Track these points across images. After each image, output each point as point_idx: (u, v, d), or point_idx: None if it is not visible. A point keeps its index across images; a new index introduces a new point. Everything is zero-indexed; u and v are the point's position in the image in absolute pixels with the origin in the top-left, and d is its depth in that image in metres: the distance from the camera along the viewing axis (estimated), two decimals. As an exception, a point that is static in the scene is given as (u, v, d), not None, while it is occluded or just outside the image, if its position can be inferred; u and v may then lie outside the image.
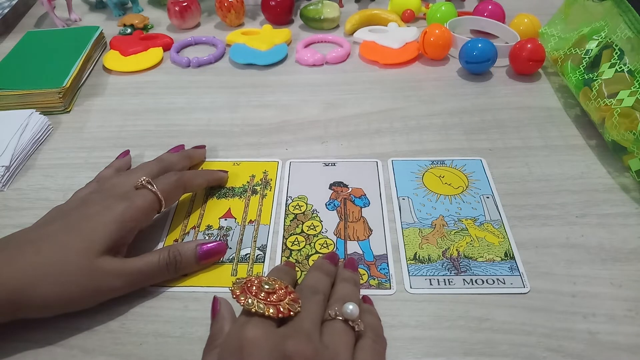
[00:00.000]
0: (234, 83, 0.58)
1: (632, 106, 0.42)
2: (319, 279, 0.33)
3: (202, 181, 0.42)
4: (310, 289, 0.31)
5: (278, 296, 0.29)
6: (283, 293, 0.29)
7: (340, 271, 0.35)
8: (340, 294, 0.32)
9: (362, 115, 0.52)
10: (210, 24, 0.71)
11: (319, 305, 0.30)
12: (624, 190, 0.43)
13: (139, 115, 0.53)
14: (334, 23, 0.68)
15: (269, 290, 0.29)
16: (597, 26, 0.50)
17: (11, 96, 0.53)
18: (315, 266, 0.35)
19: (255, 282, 0.30)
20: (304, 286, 0.32)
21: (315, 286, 0.32)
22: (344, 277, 0.34)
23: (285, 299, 0.29)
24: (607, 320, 0.33)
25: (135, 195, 0.36)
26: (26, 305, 0.30)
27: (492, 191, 0.43)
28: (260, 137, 0.50)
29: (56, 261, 0.31)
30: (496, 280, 0.36)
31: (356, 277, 0.35)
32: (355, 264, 0.36)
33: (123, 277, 0.33)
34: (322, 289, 0.32)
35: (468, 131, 0.50)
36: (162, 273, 0.35)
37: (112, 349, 0.32)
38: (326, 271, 0.34)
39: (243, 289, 0.29)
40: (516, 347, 0.32)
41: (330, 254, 0.37)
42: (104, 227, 0.33)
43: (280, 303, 0.28)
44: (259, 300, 0.28)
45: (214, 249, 0.37)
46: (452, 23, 0.63)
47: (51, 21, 0.71)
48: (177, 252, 0.35)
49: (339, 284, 0.33)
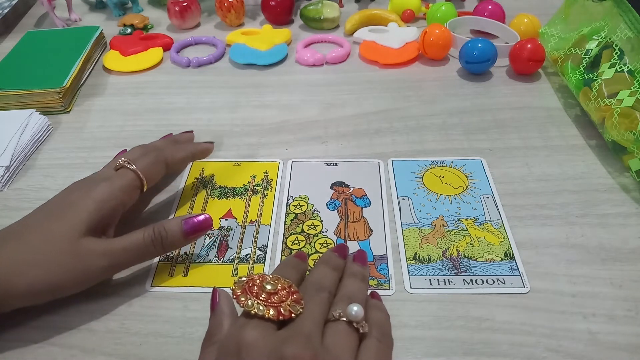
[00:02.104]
0: (234, 83, 0.58)
1: (632, 106, 0.42)
2: (325, 274, 0.32)
3: (185, 154, 0.41)
4: (315, 286, 0.31)
5: (280, 297, 0.28)
6: (285, 293, 0.29)
7: (348, 265, 0.34)
8: (346, 290, 0.31)
9: (362, 115, 0.52)
10: (210, 24, 0.71)
11: (323, 305, 0.30)
12: (624, 190, 0.43)
13: (139, 115, 0.53)
14: (334, 23, 0.68)
15: (271, 291, 0.28)
16: (597, 26, 0.50)
17: (11, 96, 0.53)
18: (323, 259, 0.34)
19: (257, 281, 0.29)
20: (308, 282, 0.32)
21: (321, 282, 0.31)
22: (352, 271, 0.33)
23: (287, 299, 0.28)
24: (607, 320, 0.33)
25: (114, 175, 0.36)
26: (14, 294, 0.31)
27: (492, 191, 0.43)
28: (260, 137, 0.50)
29: (39, 247, 0.31)
30: (496, 280, 0.36)
31: (365, 272, 0.34)
32: (365, 257, 0.35)
33: (108, 256, 0.33)
34: (328, 285, 0.31)
35: (468, 131, 0.50)
36: (148, 250, 0.34)
37: (112, 349, 0.32)
38: (334, 265, 0.33)
39: (244, 289, 0.28)
40: (516, 347, 0.32)
41: (340, 246, 0.36)
42: (84, 209, 0.33)
43: (281, 304, 0.28)
44: (260, 302, 0.28)
45: (199, 223, 0.35)
46: (452, 23, 0.63)
47: (51, 21, 0.71)
48: (162, 228, 0.35)
49: (347, 280, 0.33)
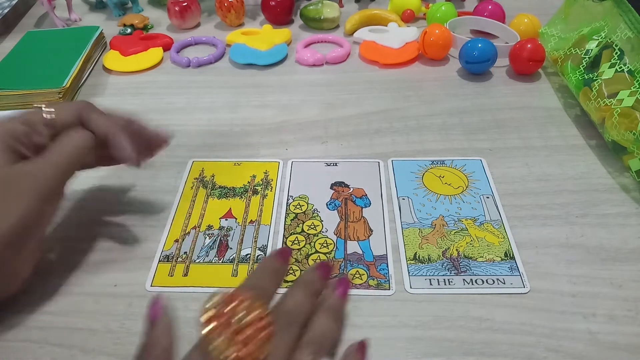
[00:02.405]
0: (234, 83, 0.58)
1: (632, 106, 0.42)
2: (300, 304, 0.29)
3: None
4: (287, 317, 0.28)
5: (247, 337, 0.26)
6: (255, 330, 0.26)
7: (327, 294, 0.31)
8: (314, 333, 0.28)
9: (362, 115, 0.52)
10: (210, 24, 0.71)
11: (291, 342, 0.27)
12: (624, 190, 0.43)
13: (139, 115, 0.53)
14: (334, 23, 0.68)
15: (241, 326, 0.26)
16: (597, 26, 0.50)
17: (11, 96, 0.53)
18: (303, 280, 0.31)
19: (231, 309, 0.26)
20: (281, 311, 0.29)
21: (293, 313, 0.29)
22: (329, 305, 0.30)
23: (256, 336, 0.26)
24: (607, 320, 0.33)
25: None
26: None
27: (492, 191, 0.43)
28: (260, 137, 0.50)
29: None
30: (496, 280, 0.36)
31: (342, 308, 0.32)
32: (347, 286, 0.32)
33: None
34: (301, 318, 0.29)
35: (468, 131, 0.50)
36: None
37: (112, 349, 0.32)
38: (312, 290, 0.31)
39: (213, 318, 0.26)
40: (516, 347, 0.32)
41: (323, 265, 0.32)
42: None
43: (247, 344, 0.25)
44: (223, 340, 0.25)
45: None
46: (452, 23, 0.63)
47: (51, 21, 0.71)
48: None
49: (320, 316, 0.30)
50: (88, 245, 0.39)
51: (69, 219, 0.41)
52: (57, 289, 0.36)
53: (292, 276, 0.36)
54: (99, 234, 0.40)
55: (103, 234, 0.40)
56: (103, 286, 0.36)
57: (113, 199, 0.43)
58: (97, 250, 0.39)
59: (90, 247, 0.39)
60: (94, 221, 0.41)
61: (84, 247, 0.39)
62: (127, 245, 0.39)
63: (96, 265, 0.38)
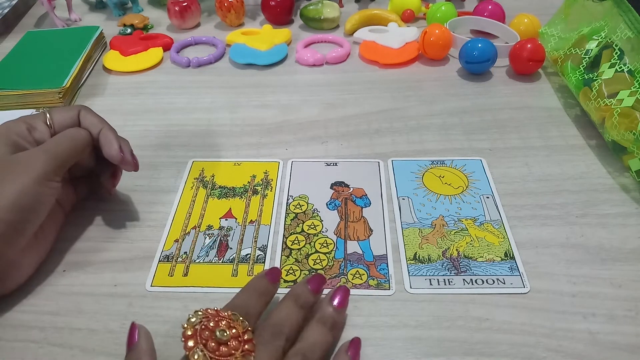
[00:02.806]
0: (234, 83, 0.58)
1: (632, 106, 0.42)
2: (288, 315, 0.29)
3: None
4: (273, 329, 0.28)
5: (229, 349, 0.26)
6: (237, 344, 0.27)
7: (322, 305, 0.31)
8: (304, 344, 0.29)
9: (362, 115, 0.52)
10: (210, 24, 0.71)
11: (275, 354, 0.28)
12: (624, 190, 0.43)
13: (139, 115, 0.53)
14: (334, 23, 0.68)
15: (221, 340, 0.26)
16: (597, 26, 0.50)
17: (11, 96, 0.53)
18: (294, 293, 0.31)
19: (210, 324, 0.27)
20: (268, 324, 0.29)
21: (280, 325, 0.29)
22: (322, 316, 0.30)
23: (237, 350, 0.26)
24: (607, 320, 0.33)
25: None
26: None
27: (492, 191, 0.43)
28: (260, 137, 0.50)
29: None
30: (496, 280, 0.36)
31: (339, 319, 0.31)
32: (345, 296, 0.32)
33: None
34: (288, 330, 0.29)
35: (468, 131, 0.50)
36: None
37: (112, 349, 0.32)
38: (302, 303, 0.30)
39: (195, 332, 0.26)
40: (516, 347, 0.32)
41: (316, 277, 0.32)
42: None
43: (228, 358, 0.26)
44: (205, 355, 0.26)
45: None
46: (452, 23, 0.63)
47: (51, 21, 0.71)
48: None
49: (312, 326, 0.30)
50: (88, 245, 0.39)
51: (70, 219, 0.41)
52: (57, 289, 0.36)
53: (292, 276, 0.36)
54: (99, 234, 0.40)
55: (103, 234, 0.40)
56: (103, 286, 0.36)
57: (113, 199, 0.43)
58: (97, 251, 0.39)
59: (90, 247, 0.39)
60: (94, 221, 0.41)
61: (84, 247, 0.39)
62: (127, 245, 0.39)
63: (96, 265, 0.38)
